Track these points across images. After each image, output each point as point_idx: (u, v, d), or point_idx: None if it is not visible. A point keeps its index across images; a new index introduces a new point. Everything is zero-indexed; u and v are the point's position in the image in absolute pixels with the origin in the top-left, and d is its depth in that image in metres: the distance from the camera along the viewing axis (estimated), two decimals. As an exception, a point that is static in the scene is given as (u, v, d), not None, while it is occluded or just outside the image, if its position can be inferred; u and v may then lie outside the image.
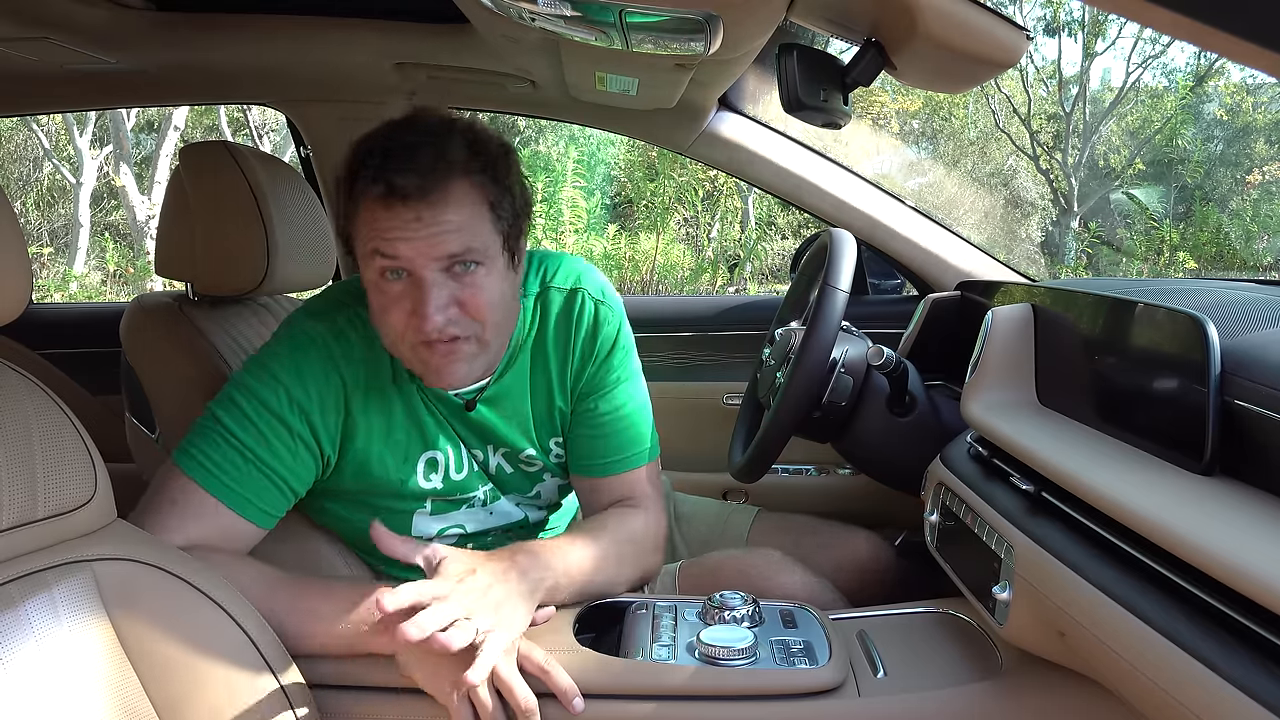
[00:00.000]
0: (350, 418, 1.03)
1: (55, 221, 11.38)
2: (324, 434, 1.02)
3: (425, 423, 1.07)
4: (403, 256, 0.92)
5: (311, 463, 1.02)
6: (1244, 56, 0.46)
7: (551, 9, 0.98)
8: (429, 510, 1.10)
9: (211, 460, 0.96)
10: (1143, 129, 13.73)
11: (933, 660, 0.94)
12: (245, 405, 0.99)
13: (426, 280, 0.93)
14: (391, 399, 1.05)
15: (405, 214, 0.91)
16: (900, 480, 1.32)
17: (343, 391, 1.02)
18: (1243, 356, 0.70)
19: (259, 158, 1.31)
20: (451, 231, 0.92)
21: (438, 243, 0.92)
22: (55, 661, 0.69)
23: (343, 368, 1.02)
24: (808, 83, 1.05)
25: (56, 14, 1.36)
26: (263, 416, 0.98)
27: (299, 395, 1.00)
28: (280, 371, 1.00)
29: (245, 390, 1.00)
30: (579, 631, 0.93)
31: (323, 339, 1.02)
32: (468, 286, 0.95)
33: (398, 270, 0.94)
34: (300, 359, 1.01)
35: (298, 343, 1.03)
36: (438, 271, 0.93)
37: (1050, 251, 12.95)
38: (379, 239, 0.93)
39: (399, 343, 0.97)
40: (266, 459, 0.98)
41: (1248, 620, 0.58)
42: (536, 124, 10.68)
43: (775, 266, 10.42)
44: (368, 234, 0.94)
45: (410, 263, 0.93)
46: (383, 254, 0.93)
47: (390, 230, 0.92)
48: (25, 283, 0.72)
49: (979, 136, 13.75)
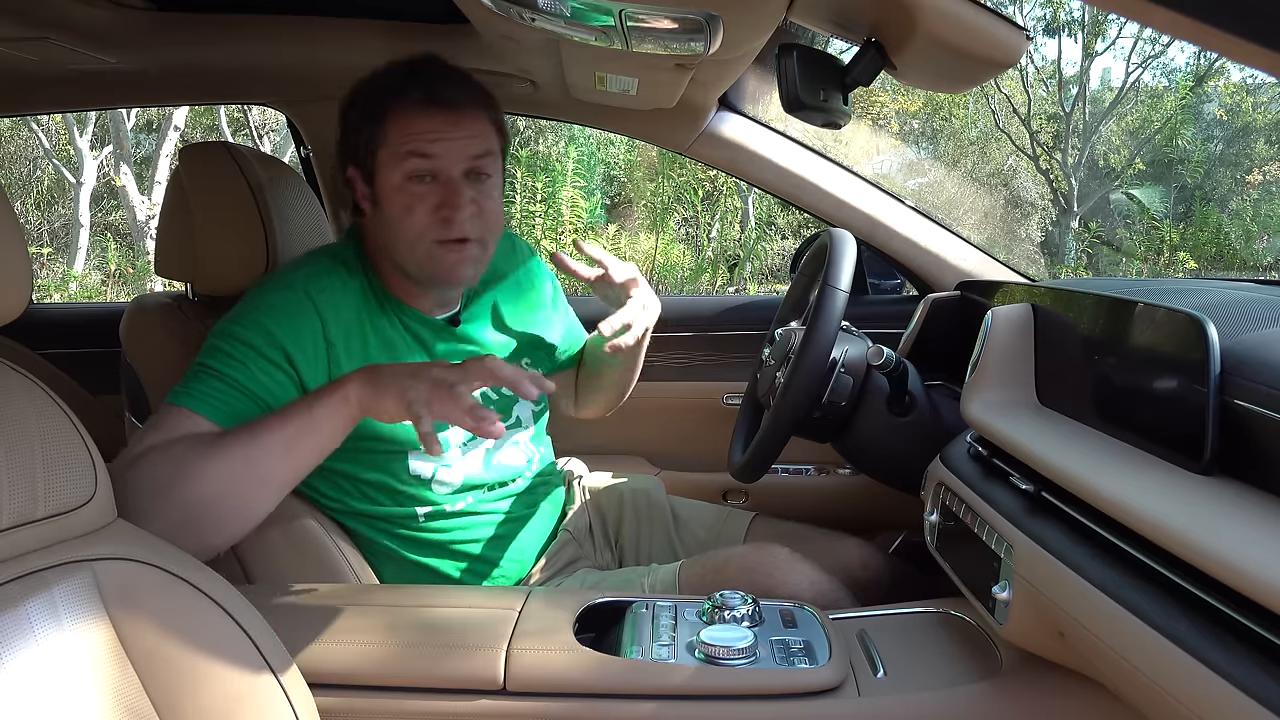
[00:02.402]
0: (332, 349, 1.09)
1: (55, 221, 11.38)
2: (305, 368, 1.06)
3: (406, 356, 1.14)
4: (438, 156, 1.07)
5: (293, 390, 1.05)
6: (1244, 56, 0.46)
7: (551, 9, 0.98)
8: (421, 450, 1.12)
9: (189, 389, 1.00)
10: (1143, 129, 13.73)
11: (933, 660, 0.94)
12: (224, 345, 1.03)
13: (456, 180, 1.08)
14: (370, 340, 1.12)
15: (442, 117, 1.06)
16: (900, 480, 1.32)
17: (320, 326, 1.08)
18: (1243, 356, 0.70)
19: (259, 158, 1.31)
20: (478, 136, 1.09)
21: (469, 144, 1.08)
22: (55, 661, 0.69)
23: (320, 304, 1.09)
24: (808, 83, 1.05)
25: (57, 14, 1.36)
26: (239, 349, 1.03)
27: (276, 331, 1.05)
28: (261, 315, 1.06)
29: (223, 335, 1.05)
30: (579, 631, 0.93)
31: (298, 282, 1.10)
32: (483, 194, 1.10)
33: (425, 174, 1.07)
34: (280, 303, 1.07)
35: (272, 288, 1.10)
36: (462, 175, 1.08)
37: (1050, 251, 12.95)
38: (417, 140, 1.06)
39: (417, 242, 1.08)
40: (244, 381, 1.02)
41: (1248, 620, 0.58)
42: (536, 124, 10.68)
43: (775, 266, 10.42)
44: (401, 138, 1.06)
45: (442, 162, 1.07)
46: (421, 154, 1.06)
47: (429, 132, 1.06)
48: (25, 283, 0.72)
49: (979, 136, 13.75)
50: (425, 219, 1.07)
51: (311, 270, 1.12)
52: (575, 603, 0.99)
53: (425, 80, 1.07)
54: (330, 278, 1.12)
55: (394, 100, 1.07)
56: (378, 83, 1.10)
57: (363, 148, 1.10)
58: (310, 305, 1.08)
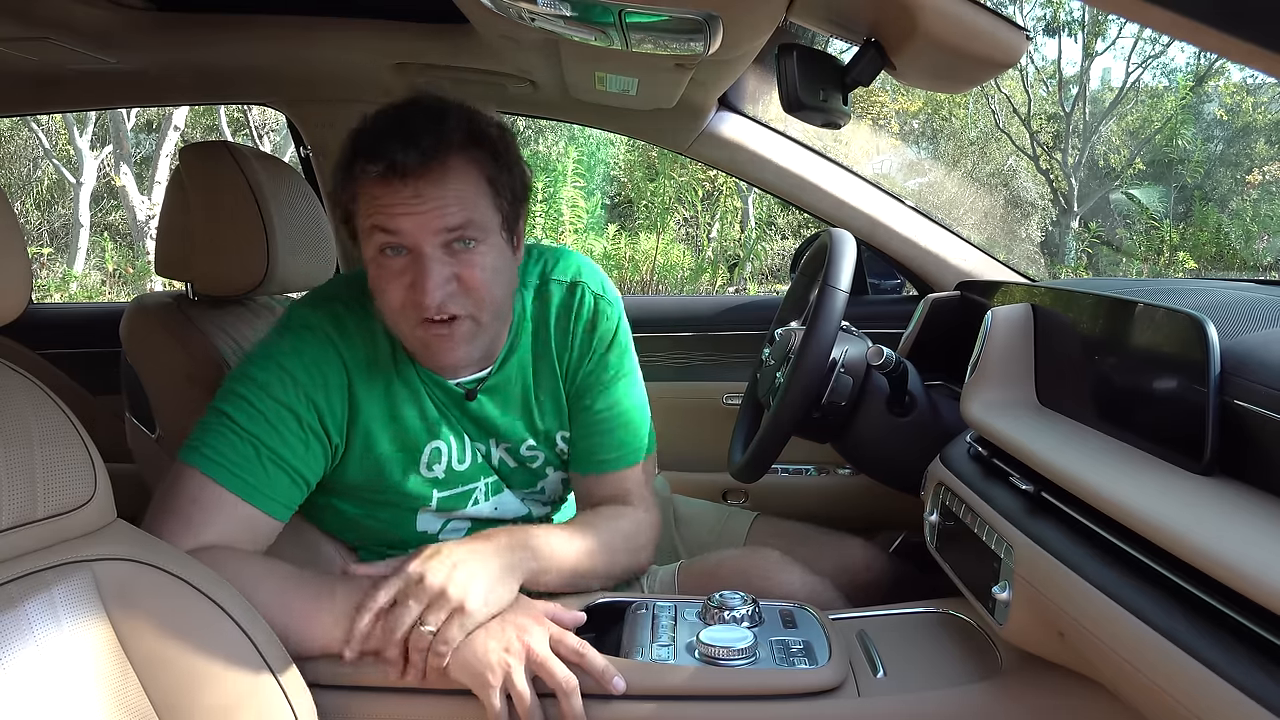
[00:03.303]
0: (355, 400, 1.04)
1: (55, 221, 11.38)
2: (330, 420, 1.02)
3: (428, 411, 1.08)
4: (403, 231, 0.94)
5: (320, 452, 1.02)
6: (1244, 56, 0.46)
7: (551, 9, 0.98)
8: (434, 507, 1.10)
9: (224, 456, 0.96)
10: (1143, 129, 13.72)
11: (932, 660, 0.94)
12: (251, 397, 0.99)
13: (426, 255, 0.94)
14: (394, 384, 1.06)
15: (404, 190, 0.93)
16: (900, 480, 1.32)
17: (345, 375, 1.03)
18: (1243, 356, 0.70)
19: (259, 158, 1.31)
20: (451, 206, 0.94)
21: (437, 217, 0.94)
22: (55, 662, 0.69)
23: (343, 352, 1.03)
24: (807, 83, 1.05)
25: (57, 14, 1.36)
26: (270, 406, 0.98)
27: (304, 380, 1.00)
28: (283, 359, 1.01)
29: (249, 382, 1.00)
30: (579, 632, 0.93)
31: (321, 325, 1.03)
32: (466, 264, 0.96)
33: (397, 247, 0.95)
34: (301, 346, 1.02)
35: (297, 331, 1.03)
36: (437, 247, 0.95)
37: (1050, 251, 12.94)
38: (380, 214, 0.95)
39: (399, 321, 0.99)
40: (278, 449, 0.98)
41: (1248, 620, 0.58)
42: (536, 124, 10.67)
43: (775, 266, 10.42)
44: (368, 210, 0.96)
45: (410, 237, 0.94)
46: (384, 229, 0.95)
47: (392, 206, 0.94)
48: (25, 283, 0.72)
49: (979, 136, 13.75)
50: (400, 296, 0.96)
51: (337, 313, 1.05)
52: (576, 603, 0.98)
53: (389, 141, 0.93)
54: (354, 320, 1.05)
55: (361, 165, 0.95)
56: (354, 139, 0.97)
57: (346, 212, 1.01)
58: (336, 355, 1.03)
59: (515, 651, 0.85)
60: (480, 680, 0.85)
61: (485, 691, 0.85)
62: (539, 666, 0.85)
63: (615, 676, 0.85)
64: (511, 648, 0.86)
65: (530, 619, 0.89)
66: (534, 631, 0.87)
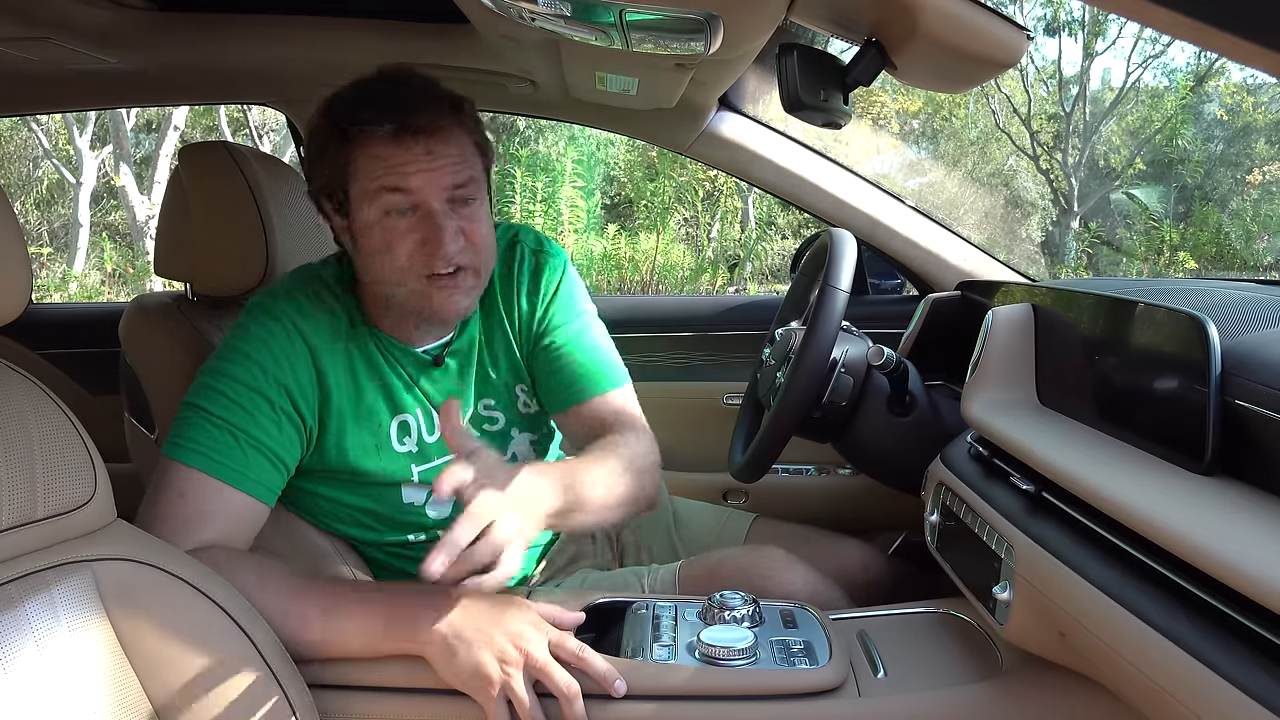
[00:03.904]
0: (323, 381, 1.06)
1: (55, 221, 11.39)
2: (302, 401, 1.04)
3: (393, 385, 1.10)
4: (415, 189, 0.98)
5: (295, 435, 1.04)
6: (1244, 56, 0.46)
7: (552, 9, 0.98)
8: (415, 480, 1.11)
9: (204, 445, 0.98)
10: (1143, 129, 13.73)
11: (933, 660, 0.94)
12: (222, 387, 1.01)
13: (438, 212, 0.99)
14: (355, 362, 1.09)
15: (417, 148, 0.97)
16: (900, 480, 1.32)
17: (309, 355, 1.05)
18: (1243, 356, 0.70)
19: (259, 158, 1.31)
20: (458, 163, 1.00)
21: (448, 173, 0.99)
22: (55, 662, 0.69)
23: (306, 333, 1.06)
24: (808, 82, 1.05)
25: (57, 14, 1.36)
26: (242, 394, 1.00)
27: (272, 367, 1.02)
28: (249, 348, 1.03)
29: (219, 375, 1.02)
30: (579, 631, 0.93)
31: (283, 311, 1.06)
32: (469, 219, 1.02)
33: (405, 209, 0.99)
34: (265, 334, 1.04)
35: (260, 319, 1.06)
36: (445, 204, 1.00)
37: (1050, 251, 12.94)
38: (391, 174, 0.98)
39: (405, 277, 1.01)
40: (255, 433, 1.00)
41: (1248, 620, 0.58)
42: (536, 124, 10.68)
43: (775, 266, 10.42)
44: (375, 172, 0.98)
45: (421, 194, 0.98)
46: (397, 189, 0.98)
47: (405, 165, 0.97)
48: (25, 283, 0.72)
49: (979, 136, 13.75)
50: (410, 254, 0.99)
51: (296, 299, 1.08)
52: (575, 603, 0.98)
53: (393, 104, 0.97)
54: (314, 303, 1.08)
55: (360, 131, 0.97)
56: (341, 109, 0.99)
57: (333, 181, 1.02)
58: (299, 337, 1.05)
59: (513, 661, 0.85)
60: (481, 693, 0.85)
61: (486, 702, 0.85)
62: (539, 673, 0.85)
63: (617, 679, 0.85)
64: (509, 658, 0.85)
65: (528, 625, 0.89)
66: (532, 638, 0.87)
